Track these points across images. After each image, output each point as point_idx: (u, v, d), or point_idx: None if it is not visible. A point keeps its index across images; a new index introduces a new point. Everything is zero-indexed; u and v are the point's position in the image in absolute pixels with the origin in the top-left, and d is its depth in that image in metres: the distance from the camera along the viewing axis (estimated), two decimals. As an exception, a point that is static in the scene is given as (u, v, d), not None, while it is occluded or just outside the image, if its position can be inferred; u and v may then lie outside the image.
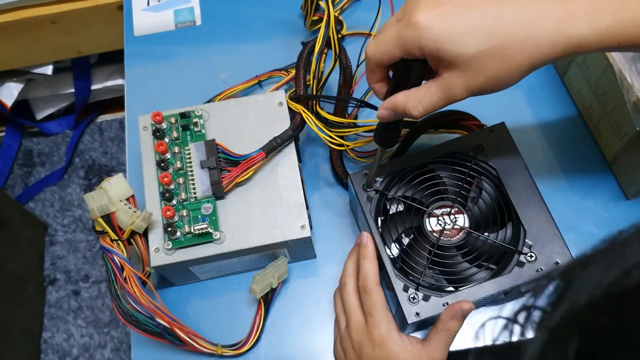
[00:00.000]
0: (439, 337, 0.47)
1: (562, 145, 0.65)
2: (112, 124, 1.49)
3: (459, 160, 0.54)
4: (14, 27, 1.06)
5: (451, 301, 0.48)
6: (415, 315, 0.48)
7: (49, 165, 1.45)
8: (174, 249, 0.54)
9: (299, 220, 0.55)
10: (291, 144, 0.59)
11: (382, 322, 0.47)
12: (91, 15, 1.08)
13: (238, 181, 0.56)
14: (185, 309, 0.60)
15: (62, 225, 1.38)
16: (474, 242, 0.52)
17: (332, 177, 0.65)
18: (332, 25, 0.62)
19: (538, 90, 0.68)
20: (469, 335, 0.57)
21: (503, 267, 0.50)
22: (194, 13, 0.78)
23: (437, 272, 0.51)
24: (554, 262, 0.49)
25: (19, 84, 1.28)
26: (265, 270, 0.57)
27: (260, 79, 0.69)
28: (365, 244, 0.50)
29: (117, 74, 1.36)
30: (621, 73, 0.53)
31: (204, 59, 0.74)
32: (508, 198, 0.51)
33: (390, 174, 0.54)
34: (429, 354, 0.47)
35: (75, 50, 1.18)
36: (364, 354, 0.47)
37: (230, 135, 0.59)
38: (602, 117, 0.62)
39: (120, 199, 0.53)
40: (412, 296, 0.49)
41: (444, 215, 0.52)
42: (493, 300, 0.55)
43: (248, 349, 0.57)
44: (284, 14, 0.76)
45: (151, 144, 0.58)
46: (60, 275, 1.33)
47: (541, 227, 0.50)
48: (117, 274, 0.52)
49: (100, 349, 1.25)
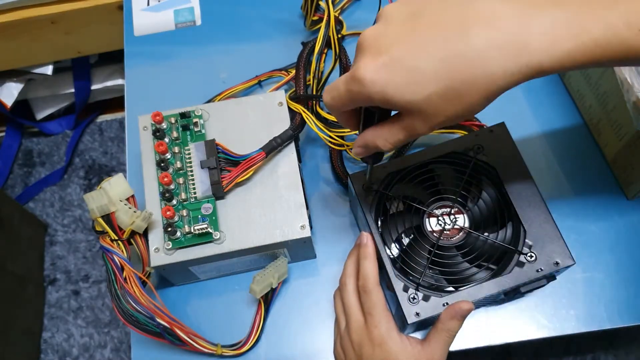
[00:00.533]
0: (438, 337, 0.47)
1: (562, 146, 0.65)
2: (112, 124, 1.49)
3: (459, 160, 0.54)
4: (14, 27, 1.06)
5: (451, 301, 0.48)
6: (415, 315, 0.48)
7: (49, 165, 1.45)
8: (174, 249, 0.54)
9: (299, 220, 0.55)
10: (291, 144, 0.59)
11: (382, 322, 0.47)
12: (91, 15, 1.08)
13: (238, 181, 0.56)
14: (185, 309, 0.60)
15: (62, 225, 1.38)
16: (474, 242, 0.52)
17: (332, 177, 0.66)
18: (332, 25, 0.62)
19: (538, 91, 0.68)
20: (469, 336, 0.57)
21: (503, 267, 0.50)
22: (194, 13, 0.78)
23: (437, 272, 0.51)
24: (554, 262, 0.49)
25: (19, 84, 1.28)
26: (265, 270, 0.57)
27: (260, 79, 0.69)
28: (365, 244, 0.50)
29: (117, 74, 1.36)
30: (621, 73, 0.53)
31: (204, 59, 0.74)
32: (508, 198, 0.51)
33: (390, 173, 0.54)
34: (429, 354, 0.47)
35: (75, 50, 1.18)
36: (364, 354, 0.47)
37: (230, 135, 0.59)
38: (602, 117, 0.62)
39: (120, 199, 0.53)
40: (412, 296, 0.49)
41: (444, 215, 0.52)
42: (493, 300, 0.56)
43: (248, 349, 0.57)
44: (284, 14, 0.76)
45: (151, 144, 0.58)
46: (60, 275, 1.33)
47: (541, 227, 0.50)
48: (117, 274, 0.52)
49: (100, 349, 1.25)
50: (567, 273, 0.54)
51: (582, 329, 0.57)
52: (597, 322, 0.57)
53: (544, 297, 0.58)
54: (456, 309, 0.46)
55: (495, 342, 0.57)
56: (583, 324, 0.57)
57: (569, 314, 0.57)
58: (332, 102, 0.41)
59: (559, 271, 0.49)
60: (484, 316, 0.58)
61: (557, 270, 0.49)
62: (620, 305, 0.57)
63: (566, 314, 0.57)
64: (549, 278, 0.50)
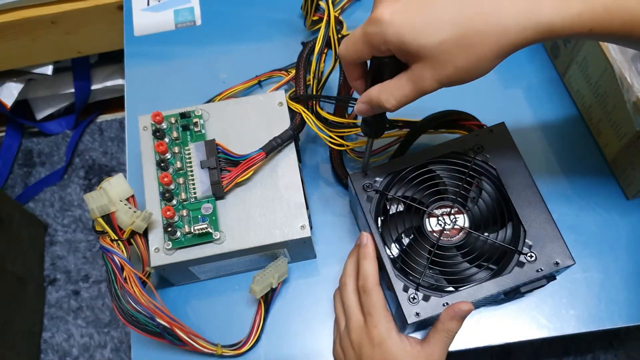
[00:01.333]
0: (438, 337, 0.47)
1: (562, 146, 0.65)
2: (112, 124, 1.49)
3: (459, 160, 0.54)
4: (14, 27, 1.06)
5: (451, 301, 0.48)
6: (415, 315, 0.48)
7: (49, 165, 1.45)
8: (174, 249, 0.54)
9: (299, 220, 0.55)
10: (291, 144, 0.59)
11: (381, 322, 0.47)
12: (91, 15, 1.08)
13: (238, 181, 0.56)
14: (185, 309, 0.60)
15: (62, 225, 1.38)
16: (474, 242, 0.52)
17: (332, 177, 0.66)
18: (333, 25, 0.62)
19: (538, 90, 0.69)
20: (469, 336, 0.57)
21: (503, 267, 0.50)
22: (194, 13, 0.78)
23: (437, 272, 0.51)
24: (554, 262, 0.49)
25: (19, 84, 1.28)
26: (265, 270, 0.57)
27: (260, 79, 0.69)
28: (365, 244, 0.50)
29: (117, 74, 1.36)
30: (621, 73, 0.53)
31: (204, 59, 0.74)
32: (508, 198, 0.51)
33: (390, 174, 0.54)
34: (428, 354, 0.47)
35: (75, 50, 1.18)
36: (363, 353, 0.47)
37: (230, 135, 0.59)
38: (602, 117, 0.62)
39: (120, 199, 0.53)
40: (412, 296, 0.49)
41: (444, 215, 0.52)
42: (493, 300, 0.56)
43: (248, 349, 0.57)
44: (284, 14, 0.76)
45: (151, 144, 0.58)
46: (60, 275, 1.33)
47: (541, 227, 0.50)
48: (117, 274, 0.52)
49: (100, 349, 1.25)
50: (567, 273, 0.54)
51: (582, 329, 0.57)
52: (597, 322, 0.57)
53: (544, 297, 0.58)
54: (456, 309, 0.46)
55: (495, 342, 0.57)
56: (583, 324, 0.57)
57: (569, 314, 0.57)
58: (346, 50, 0.42)
59: (559, 271, 0.49)
60: (484, 316, 0.58)
61: (557, 270, 0.49)
62: (620, 305, 0.57)
63: (566, 314, 0.57)
64: (549, 278, 0.50)
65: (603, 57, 0.56)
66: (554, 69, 0.69)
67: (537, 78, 0.69)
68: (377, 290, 0.48)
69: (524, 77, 0.69)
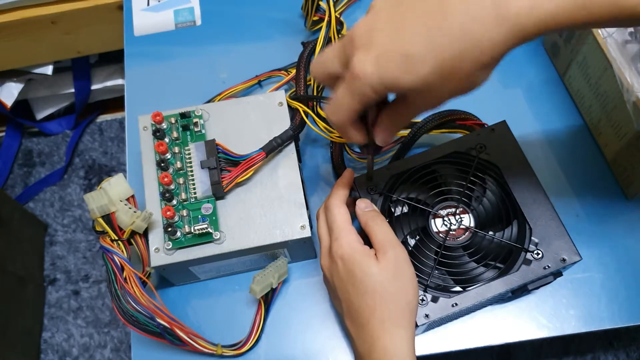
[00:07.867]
0: (372, 226, 0.48)
1: (562, 145, 0.65)
2: (112, 124, 1.49)
3: (462, 160, 0.54)
4: (14, 27, 1.06)
5: (460, 302, 0.48)
6: (424, 317, 0.48)
7: (49, 165, 1.45)
8: (174, 249, 0.54)
9: (299, 220, 0.55)
10: (291, 144, 0.59)
11: (341, 235, 0.47)
12: (91, 15, 1.08)
13: (238, 181, 0.56)
14: (185, 309, 0.60)
15: (62, 225, 1.38)
16: (480, 242, 0.52)
17: (332, 177, 0.65)
18: (333, 26, 0.63)
19: (538, 90, 0.68)
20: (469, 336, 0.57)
21: (510, 266, 0.50)
22: (194, 13, 0.78)
23: (445, 273, 0.50)
24: (560, 258, 0.49)
25: (19, 84, 1.27)
26: (266, 270, 0.57)
27: (260, 79, 0.69)
28: (342, 176, 0.53)
29: (117, 74, 1.36)
30: (621, 73, 0.53)
31: (204, 59, 0.74)
32: (512, 196, 0.51)
33: (394, 176, 0.54)
34: (381, 243, 0.47)
35: (75, 50, 1.18)
36: (334, 274, 0.48)
37: (230, 135, 0.59)
38: (602, 117, 0.62)
39: (120, 199, 0.53)
40: (420, 298, 0.48)
41: (449, 215, 0.52)
42: (500, 299, 0.55)
43: (248, 349, 0.57)
44: (284, 14, 0.76)
45: (151, 144, 0.58)
46: (60, 275, 1.33)
47: (547, 224, 0.50)
48: (117, 274, 0.52)
49: (100, 349, 1.25)
50: (567, 273, 0.54)
51: (582, 329, 0.57)
52: (597, 322, 0.57)
53: (544, 297, 0.58)
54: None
55: (495, 342, 0.57)
56: (583, 324, 0.57)
57: (569, 314, 0.57)
58: (336, 115, 0.42)
59: (565, 267, 0.49)
60: (484, 316, 0.58)
61: (563, 266, 0.49)
62: (620, 305, 0.57)
63: (566, 314, 0.57)
64: (555, 274, 0.50)
65: (603, 57, 0.56)
66: (554, 69, 0.69)
67: (537, 78, 0.69)
68: (336, 205, 0.49)
69: (524, 77, 0.69)
